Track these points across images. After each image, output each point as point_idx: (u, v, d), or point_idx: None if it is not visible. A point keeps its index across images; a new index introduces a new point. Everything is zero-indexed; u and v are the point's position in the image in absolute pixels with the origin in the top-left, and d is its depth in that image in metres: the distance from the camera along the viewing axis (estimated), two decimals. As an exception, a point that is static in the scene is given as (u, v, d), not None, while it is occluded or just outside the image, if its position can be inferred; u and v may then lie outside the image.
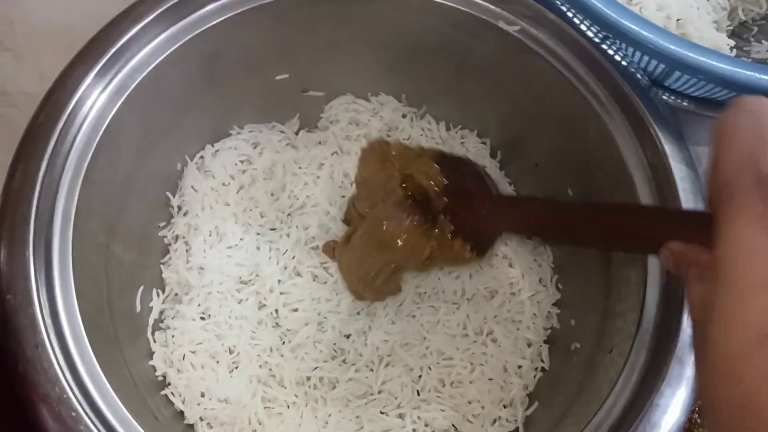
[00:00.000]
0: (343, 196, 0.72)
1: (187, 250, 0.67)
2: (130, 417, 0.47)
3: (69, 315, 0.49)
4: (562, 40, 0.62)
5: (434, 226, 0.65)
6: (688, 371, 0.49)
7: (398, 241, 0.64)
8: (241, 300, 0.66)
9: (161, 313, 0.66)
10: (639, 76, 0.61)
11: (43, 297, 0.48)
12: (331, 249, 0.69)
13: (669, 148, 0.56)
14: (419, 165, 0.66)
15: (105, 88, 0.55)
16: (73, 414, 0.44)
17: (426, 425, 0.63)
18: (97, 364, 0.48)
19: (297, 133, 0.75)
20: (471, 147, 0.75)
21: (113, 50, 0.55)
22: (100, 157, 0.55)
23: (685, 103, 0.69)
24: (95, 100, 0.55)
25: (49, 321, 0.48)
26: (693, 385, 0.48)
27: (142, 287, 0.64)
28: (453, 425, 0.63)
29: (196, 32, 0.59)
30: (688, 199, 0.54)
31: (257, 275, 0.67)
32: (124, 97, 0.56)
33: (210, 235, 0.68)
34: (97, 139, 0.54)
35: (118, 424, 0.46)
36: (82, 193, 0.53)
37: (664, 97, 0.69)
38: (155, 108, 0.61)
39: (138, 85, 0.57)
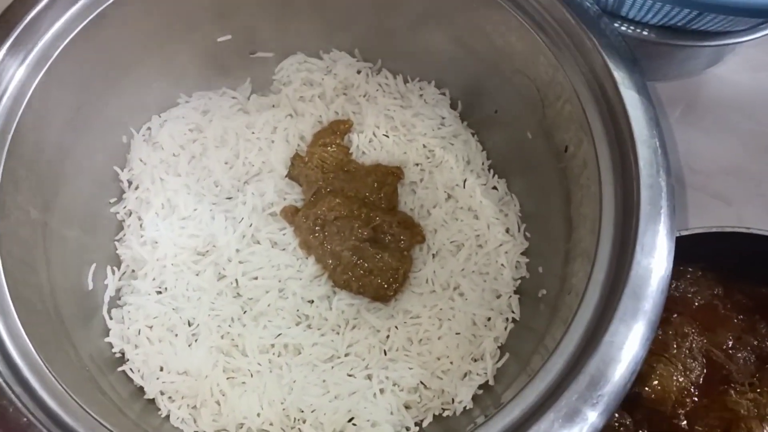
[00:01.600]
0: (300, 160, 0.70)
1: (140, 225, 0.66)
2: (60, 387, 0.45)
3: (-5, 290, 0.47)
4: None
5: None
6: (646, 305, 0.46)
7: None
8: (199, 272, 0.64)
9: (118, 290, 0.64)
10: (588, 5, 0.58)
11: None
12: (289, 213, 0.67)
13: (619, 75, 0.53)
14: None
15: (24, 59, 0.53)
16: (-5, 389, 0.43)
17: (394, 384, 0.61)
18: (27, 338, 0.46)
19: (249, 98, 0.73)
20: (430, 99, 0.72)
21: (28, 19, 0.53)
22: (25, 132, 0.53)
23: (645, 33, 0.66)
24: (14, 73, 0.53)
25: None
26: (651, 319, 0.46)
27: (94, 265, 0.62)
28: (421, 382, 0.61)
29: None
30: (641, 126, 0.51)
31: (214, 246, 0.66)
32: (45, 68, 0.54)
33: (162, 208, 0.66)
34: (20, 112, 0.52)
35: (47, 395, 0.45)
36: (8, 168, 0.51)
37: (623, 28, 0.66)
38: (85, 79, 0.59)
39: (61, 55, 0.55)
